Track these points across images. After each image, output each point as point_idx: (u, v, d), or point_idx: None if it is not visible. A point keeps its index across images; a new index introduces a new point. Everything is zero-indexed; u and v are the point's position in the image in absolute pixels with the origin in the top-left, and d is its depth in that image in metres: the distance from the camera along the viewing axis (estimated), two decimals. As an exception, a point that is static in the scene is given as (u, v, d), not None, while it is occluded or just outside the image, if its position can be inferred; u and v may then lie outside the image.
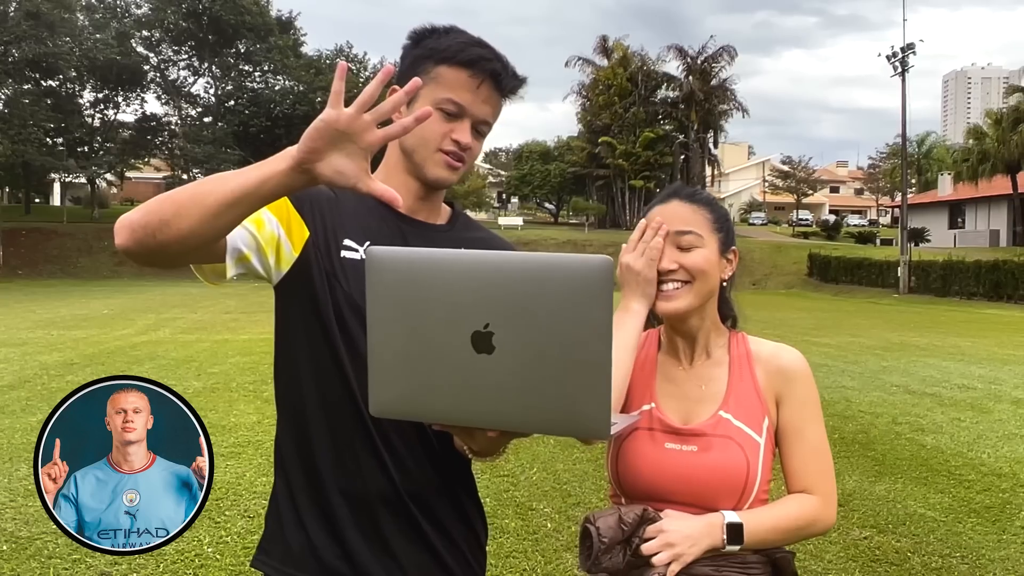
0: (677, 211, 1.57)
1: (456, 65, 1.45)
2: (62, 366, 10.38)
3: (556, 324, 1.04)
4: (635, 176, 54.21)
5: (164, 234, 1.21)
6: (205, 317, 18.38)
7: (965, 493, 5.62)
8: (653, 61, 56.64)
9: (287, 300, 1.49)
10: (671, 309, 1.56)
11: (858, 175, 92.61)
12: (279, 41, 48.27)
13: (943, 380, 10.43)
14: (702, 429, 1.53)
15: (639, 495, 1.53)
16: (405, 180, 1.52)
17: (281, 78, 49.98)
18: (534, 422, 1.10)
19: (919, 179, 61.55)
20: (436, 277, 1.09)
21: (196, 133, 47.85)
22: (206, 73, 50.74)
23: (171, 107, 50.75)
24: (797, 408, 1.56)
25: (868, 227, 68.84)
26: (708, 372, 1.60)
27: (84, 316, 18.13)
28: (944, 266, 31.34)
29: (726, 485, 1.49)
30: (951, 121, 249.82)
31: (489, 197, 68.36)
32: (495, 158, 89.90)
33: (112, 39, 43.98)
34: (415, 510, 1.48)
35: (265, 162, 1.21)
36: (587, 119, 58.08)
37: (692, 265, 1.54)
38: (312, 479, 1.48)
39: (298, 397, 1.49)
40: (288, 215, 1.44)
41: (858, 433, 7.33)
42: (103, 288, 29.81)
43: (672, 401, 1.58)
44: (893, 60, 38.07)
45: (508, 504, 5.13)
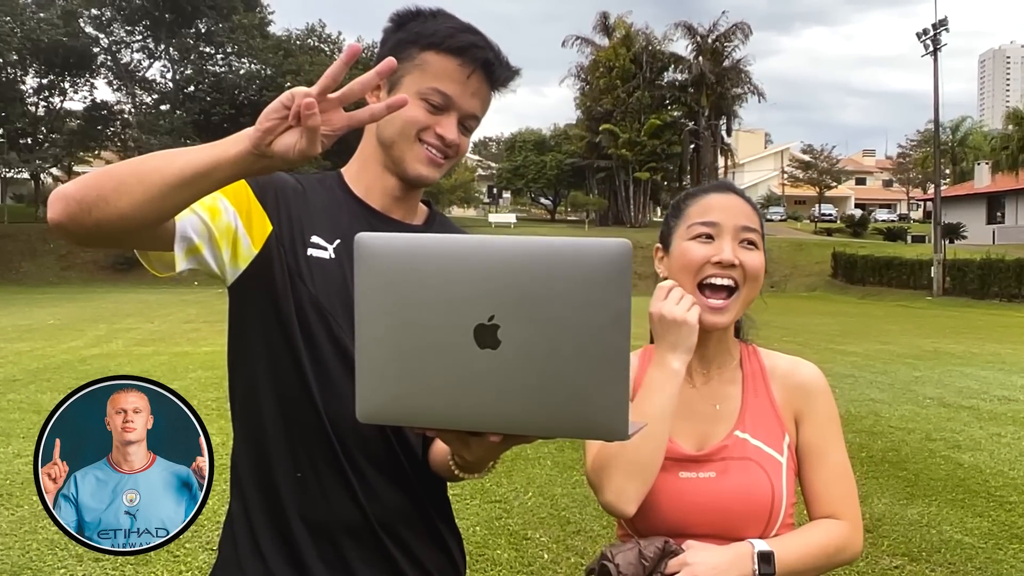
0: (741, 206, 1.57)
1: (445, 52, 1.45)
2: (3, 383, 10.36)
3: (569, 315, 1.03)
4: (640, 167, 54.35)
5: (100, 211, 1.19)
6: (163, 327, 18.32)
7: (1007, 517, 5.64)
8: (659, 40, 56.89)
9: (244, 302, 1.48)
10: (722, 323, 1.54)
11: (886, 165, 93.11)
12: (244, 20, 48.27)
13: (982, 391, 10.48)
14: (718, 452, 1.53)
15: (668, 533, 1.51)
16: (380, 176, 1.53)
17: (246, 61, 50.05)
18: (544, 423, 1.08)
19: (954, 169, 61.83)
20: (434, 265, 1.07)
21: (152, 122, 47.77)
22: (163, 56, 50.74)
23: (124, 94, 50.81)
24: (819, 427, 1.56)
25: (898, 222, 69.13)
26: (722, 390, 1.59)
27: (27, 327, 18.05)
28: (982, 265, 31.45)
29: (752, 511, 1.48)
30: (988, 105, 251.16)
31: (478, 192, 68.50)
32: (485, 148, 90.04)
33: (58, 19, 43.98)
34: (385, 538, 1.47)
35: (219, 143, 1.21)
36: (587, 105, 58.18)
37: (751, 266, 1.53)
38: (271, 502, 1.47)
39: (255, 412, 1.48)
40: (249, 206, 1.43)
41: (888, 451, 7.35)
42: (49, 295, 29.71)
43: (683, 424, 1.56)
44: (924, 38, 38.32)
45: (500, 533, 5.13)
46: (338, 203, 1.51)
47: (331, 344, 1.44)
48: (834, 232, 57.68)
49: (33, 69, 46.59)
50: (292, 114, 1.15)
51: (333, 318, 1.44)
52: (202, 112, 47.39)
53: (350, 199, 1.53)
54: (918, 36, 38.69)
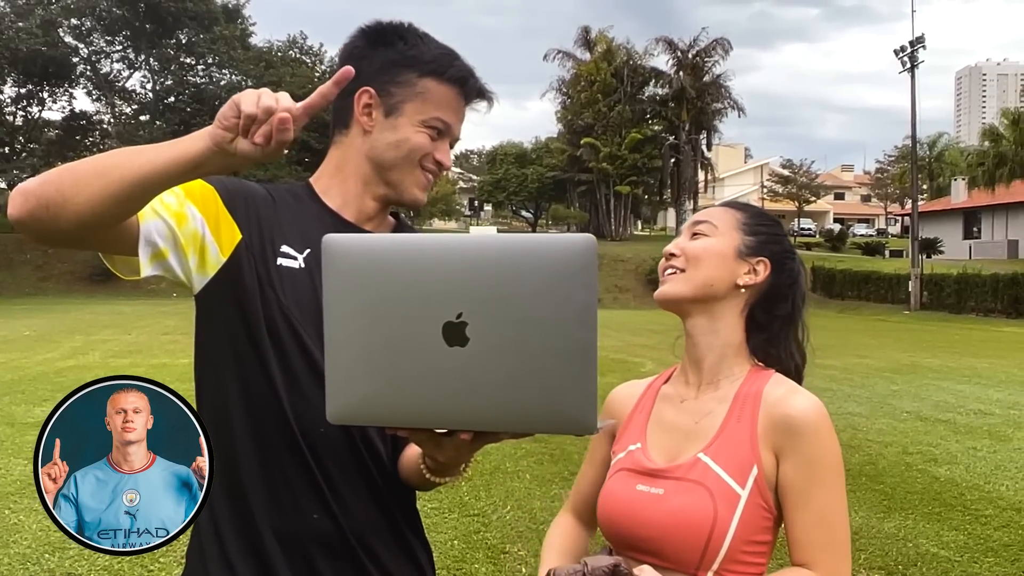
0: (710, 211, 1.63)
1: (446, 82, 1.50)
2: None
3: (536, 310, 1.04)
4: (621, 181, 54.53)
5: (59, 208, 1.19)
6: (140, 339, 18.19)
7: (982, 530, 5.68)
8: (640, 55, 57.15)
9: (211, 310, 1.48)
10: (660, 293, 1.57)
11: (865, 180, 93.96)
12: (225, 31, 48.07)
13: (958, 405, 10.56)
14: (676, 471, 1.47)
15: (618, 544, 1.51)
16: (360, 193, 1.53)
17: (227, 72, 49.83)
18: (514, 419, 1.09)
19: (931, 184, 62.40)
20: (401, 264, 1.09)
21: (131, 133, 47.43)
22: (143, 66, 50.46)
23: (103, 104, 50.43)
24: (801, 467, 1.43)
25: (876, 237, 69.79)
26: (707, 406, 1.54)
27: (2, 338, 17.85)
28: (959, 280, 31.73)
29: (685, 537, 1.41)
30: (965, 121, 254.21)
31: (459, 204, 68.60)
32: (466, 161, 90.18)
33: (37, 28, 43.62)
34: (358, 549, 1.47)
35: (180, 140, 1.21)
36: (567, 118, 58.34)
37: (690, 249, 1.56)
38: (240, 513, 1.46)
39: (224, 421, 1.47)
40: (217, 213, 1.42)
41: (865, 464, 7.39)
42: (25, 306, 29.42)
43: (662, 437, 1.55)
44: (902, 55, 38.70)
45: (478, 547, 5.11)
46: (309, 213, 1.51)
47: (301, 353, 1.44)
48: (813, 246, 58.06)
49: (11, 78, 46.24)
50: (243, 127, 1.15)
51: (303, 328, 1.43)
52: (182, 123, 47.09)
53: (322, 210, 1.53)
54: (896, 53, 39.06)
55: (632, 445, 1.57)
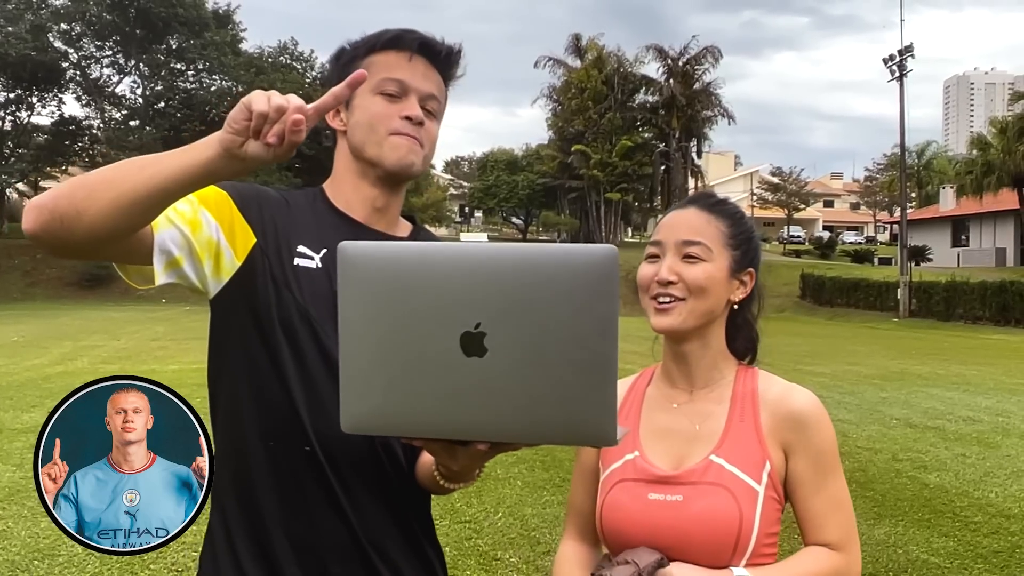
0: (690, 220, 1.56)
1: (383, 49, 1.52)
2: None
3: (556, 321, 1.03)
4: (611, 188, 54.64)
5: (73, 220, 1.20)
6: (129, 345, 18.11)
7: (971, 536, 5.70)
8: (631, 62, 57.32)
9: (227, 314, 1.48)
10: (663, 325, 1.53)
11: (854, 188, 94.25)
12: (215, 36, 48.01)
13: (947, 412, 10.59)
14: (690, 476, 1.48)
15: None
16: (357, 187, 1.54)
17: (217, 78, 49.72)
18: (532, 430, 1.07)
19: (919, 193, 62.75)
20: (419, 272, 1.07)
21: (121, 138, 47.21)
22: (133, 71, 50.29)
23: (93, 109, 50.23)
24: (812, 459, 1.50)
25: (865, 245, 70.07)
26: (705, 408, 1.55)
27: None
28: (947, 287, 31.87)
29: (715, 539, 1.43)
30: (953, 130, 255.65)
31: (450, 210, 68.55)
32: (457, 168, 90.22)
33: (26, 33, 43.45)
34: (373, 555, 1.45)
35: (189, 147, 1.21)
36: (558, 125, 58.48)
37: (692, 279, 1.51)
38: (252, 518, 1.45)
39: (237, 425, 1.47)
40: (232, 218, 1.43)
41: (855, 471, 7.40)
42: (13, 312, 29.27)
43: (661, 443, 1.55)
44: (891, 64, 38.90)
45: (470, 554, 5.10)
46: (321, 216, 1.52)
47: (319, 354, 1.43)
48: (802, 254, 58.29)
49: (0, 83, 46.07)
50: (254, 127, 1.16)
51: (321, 327, 1.43)
52: (172, 128, 46.98)
53: (332, 212, 1.54)
54: (885, 62, 39.26)
55: (629, 454, 1.55)
